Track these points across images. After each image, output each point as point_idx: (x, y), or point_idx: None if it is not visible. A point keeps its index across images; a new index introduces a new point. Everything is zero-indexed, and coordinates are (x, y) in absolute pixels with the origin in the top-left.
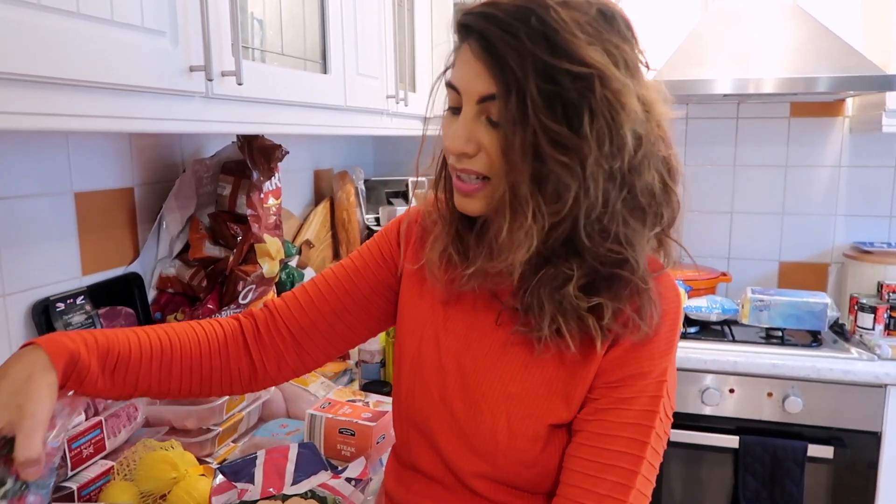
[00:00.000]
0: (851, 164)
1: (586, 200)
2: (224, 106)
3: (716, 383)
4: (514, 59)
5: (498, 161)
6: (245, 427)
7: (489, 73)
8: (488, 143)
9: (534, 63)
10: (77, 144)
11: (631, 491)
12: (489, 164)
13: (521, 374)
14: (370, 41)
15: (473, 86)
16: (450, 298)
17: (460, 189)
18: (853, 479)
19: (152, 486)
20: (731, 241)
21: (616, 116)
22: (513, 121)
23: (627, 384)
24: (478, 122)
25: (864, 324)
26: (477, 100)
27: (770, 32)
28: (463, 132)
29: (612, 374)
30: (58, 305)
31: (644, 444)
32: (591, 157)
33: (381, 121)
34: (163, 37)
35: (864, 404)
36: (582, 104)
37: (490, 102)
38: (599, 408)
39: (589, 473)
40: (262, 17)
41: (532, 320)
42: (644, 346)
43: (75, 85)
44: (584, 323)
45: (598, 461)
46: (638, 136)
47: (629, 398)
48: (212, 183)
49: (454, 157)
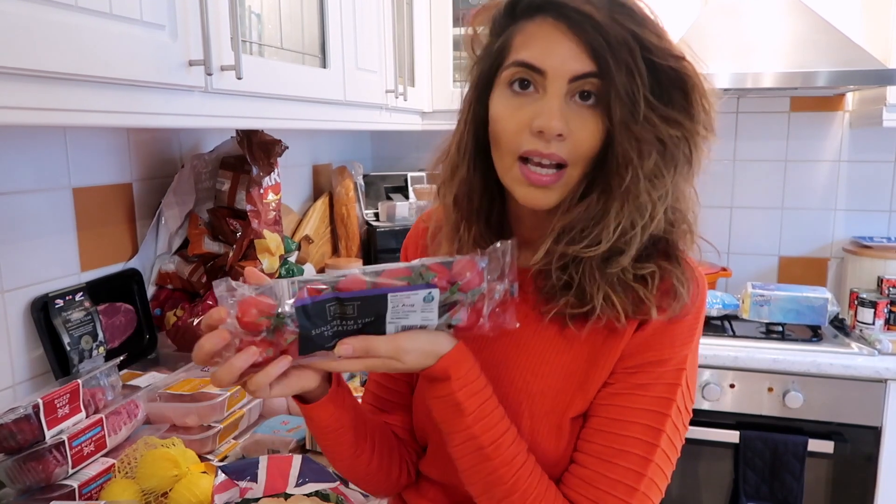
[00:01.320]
0: (851, 158)
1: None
2: (223, 100)
3: (716, 378)
4: (618, 34)
5: (586, 144)
6: (246, 424)
7: (586, 49)
8: (577, 125)
9: (634, 38)
10: (75, 139)
11: (643, 479)
12: (574, 149)
13: (543, 370)
14: (369, 35)
15: (567, 64)
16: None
17: (536, 181)
18: (853, 474)
19: (154, 484)
20: (731, 236)
21: (706, 95)
22: (626, 96)
23: (645, 370)
24: (567, 103)
25: (864, 318)
26: (570, 78)
27: (770, 26)
28: (560, 111)
29: (631, 360)
30: (56, 302)
31: (659, 433)
32: (694, 130)
33: (381, 115)
34: (162, 30)
35: (865, 399)
36: (684, 82)
37: (583, 81)
38: (614, 392)
39: (603, 458)
40: (260, 12)
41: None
42: (666, 332)
43: (73, 79)
44: (633, 293)
45: (612, 447)
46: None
47: (645, 384)
48: (211, 178)
49: (538, 141)
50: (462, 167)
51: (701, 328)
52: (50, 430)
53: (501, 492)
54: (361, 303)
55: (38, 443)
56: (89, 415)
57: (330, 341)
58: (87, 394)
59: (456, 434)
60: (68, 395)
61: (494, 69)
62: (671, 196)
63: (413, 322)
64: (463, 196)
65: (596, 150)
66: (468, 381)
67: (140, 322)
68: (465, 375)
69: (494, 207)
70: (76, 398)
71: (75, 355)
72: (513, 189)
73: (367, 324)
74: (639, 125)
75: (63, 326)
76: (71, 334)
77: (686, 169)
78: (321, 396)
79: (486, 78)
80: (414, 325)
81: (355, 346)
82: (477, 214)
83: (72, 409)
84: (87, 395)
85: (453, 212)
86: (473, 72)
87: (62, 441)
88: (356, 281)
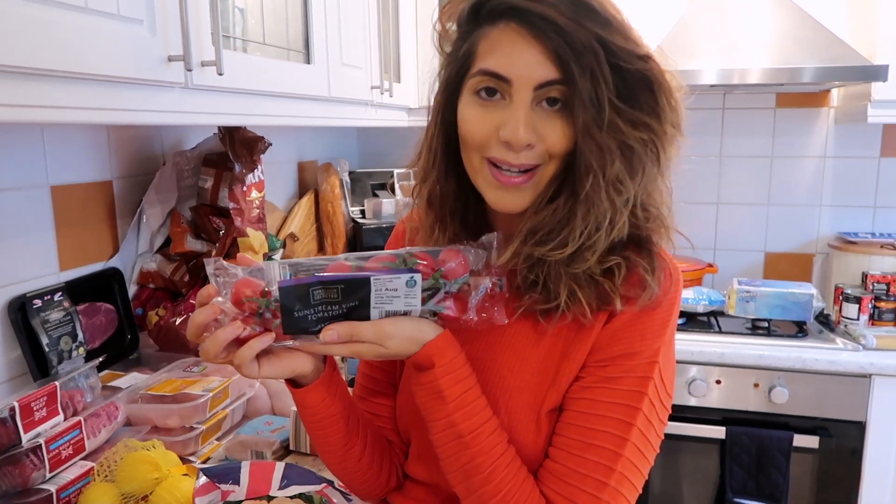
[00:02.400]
0: (836, 154)
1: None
2: (204, 97)
3: (702, 374)
4: (582, 39)
5: (556, 147)
6: (229, 425)
7: (551, 56)
8: (546, 130)
9: (598, 42)
10: (53, 136)
11: (613, 473)
12: (546, 151)
13: (518, 366)
14: (354, 31)
15: (532, 71)
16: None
17: (506, 183)
18: (838, 468)
19: (134, 487)
20: (718, 232)
21: (672, 93)
22: (589, 102)
23: (615, 363)
24: (534, 110)
25: (848, 314)
26: (536, 86)
27: (756, 22)
28: (525, 122)
29: (602, 353)
30: (35, 302)
31: (629, 426)
32: (661, 132)
33: (366, 112)
34: (140, 25)
35: (849, 394)
36: (650, 83)
37: (548, 88)
38: (585, 386)
39: (573, 452)
40: (243, 6)
41: (545, 293)
42: (637, 325)
43: (49, 75)
44: (599, 288)
45: (582, 440)
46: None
47: (616, 377)
48: (193, 176)
49: (505, 150)
50: (434, 169)
51: (675, 322)
52: (26, 434)
53: (478, 480)
54: (345, 286)
55: (15, 446)
56: (67, 417)
57: (315, 325)
58: (65, 396)
59: (437, 421)
60: (45, 397)
61: (462, 75)
62: (638, 198)
63: (397, 308)
64: (436, 197)
65: (567, 149)
66: (451, 369)
67: (121, 322)
68: (449, 363)
69: (470, 207)
70: (54, 400)
71: (54, 356)
72: (484, 192)
73: (352, 308)
74: (603, 132)
75: (41, 327)
76: (49, 335)
77: (654, 170)
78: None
79: (454, 82)
80: (398, 310)
81: (340, 331)
82: (451, 216)
83: (49, 412)
84: (66, 397)
85: (428, 214)
86: (442, 75)
87: (39, 444)
88: (341, 266)
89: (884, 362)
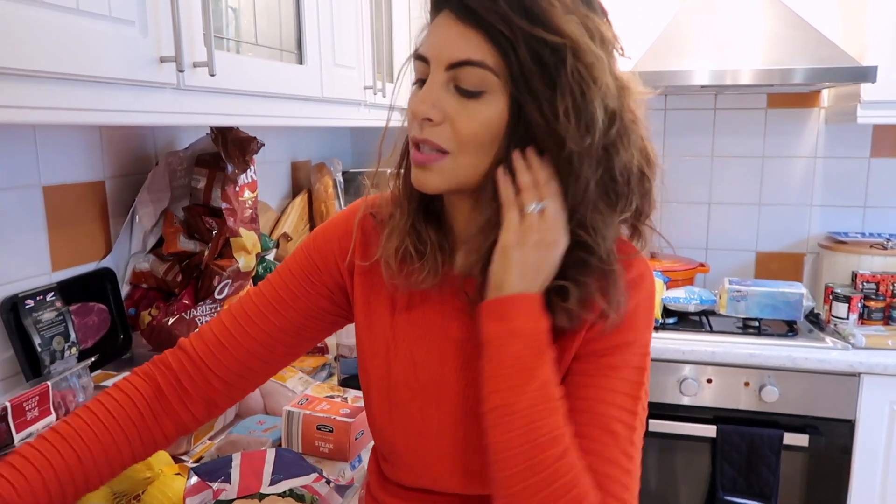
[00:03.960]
0: (827, 154)
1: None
2: (196, 97)
3: (694, 373)
4: (500, 24)
5: (465, 132)
6: (222, 424)
7: (470, 37)
8: (455, 112)
9: (518, 29)
10: (45, 137)
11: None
12: (452, 137)
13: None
14: (347, 31)
15: (446, 51)
16: (412, 304)
17: (417, 160)
18: (828, 467)
19: (125, 487)
20: (709, 232)
21: (587, 91)
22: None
23: (614, 353)
24: (446, 91)
25: (838, 313)
26: (447, 65)
27: (747, 23)
28: (429, 97)
29: (597, 343)
30: (27, 302)
31: (634, 414)
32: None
33: (359, 112)
34: (131, 26)
35: (839, 393)
36: (556, 75)
37: (461, 69)
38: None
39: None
40: (236, 6)
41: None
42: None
43: (40, 76)
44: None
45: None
46: (611, 112)
47: (616, 366)
48: (186, 176)
49: (416, 127)
50: (399, 162)
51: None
52: (18, 434)
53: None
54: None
55: (7, 446)
56: (60, 417)
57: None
58: (57, 396)
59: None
60: (38, 397)
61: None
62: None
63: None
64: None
65: (482, 138)
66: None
67: (114, 322)
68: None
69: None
70: (46, 400)
71: (46, 356)
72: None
73: None
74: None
75: (34, 327)
76: (42, 335)
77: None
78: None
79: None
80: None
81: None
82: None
83: (41, 412)
84: (58, 397)
85: (388, 206)
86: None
87: None
88: None
89: (873, 361)
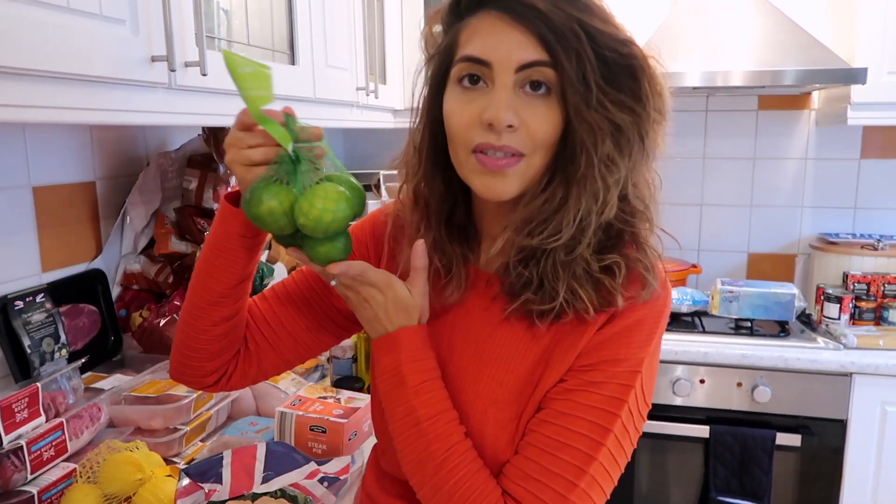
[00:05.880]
0: (817, 156)
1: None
2: (188, 97)
3: (686, 374)
4: (563, 22)
5: (540, 133)
6: (214, 426)
7: (533, 38)
8: (529, 115)
9: (580, 25)
10: (35, 137)
11: (584, 476)
12: (528, 139)
13: (508, 378)
14: (339, 32)
15: (513, 53)
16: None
17: (491, 166)
18: (820, 466)
19: (116, 489)
20: (701, 233)
21: (656, 79)
22: (577, 83)
23: (599, 368)
24: (515, 94)
25: (830, 314)
26: (517, 68)
27: (738, 26)
28: (507, 102)
29: (587, 357)
30: (16, 304)
31: (606, 431)
32: (645, 116)
33: (352, 113)
34: (122, 25)
35: (831, 393)
36: (633, 67)
37: (532, 70)
38: (568, 388)
39: (546, 450)
40: (227, 7)
41: (544, 291)
42: (625, 334)
43: (30, 75)
44: (599, 285)
45: (557, 439)
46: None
47: (598, 382)
48: (177, 177)
49: (489, 133)
50: (420, 167)
51: (661, 334)
52: (7, 436)
53: (432, 468)
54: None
55: None
56: (49, 419)
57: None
58: (46, 397)
59: (397, 408)
60: (27, 398)
61: (445, 67)
62: (628, 182)
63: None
64: (421, 196)
65: (553, 138)
66: (417, 357)
67: (105, 323)
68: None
69: (457, 208)
70: (35, 402)
71: (36, 358)
72: (471, 181)
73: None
74: (591, 110)
75: (23, 328)
76: (31, 336)
77: (640, 155)
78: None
79: (438, 77)
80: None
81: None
82: (436, 216)
83: (31, 414)
84: (47, 399)
85: (413, 212)
86: (426, 72)
87: (20, 446)
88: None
89: (864, 361)
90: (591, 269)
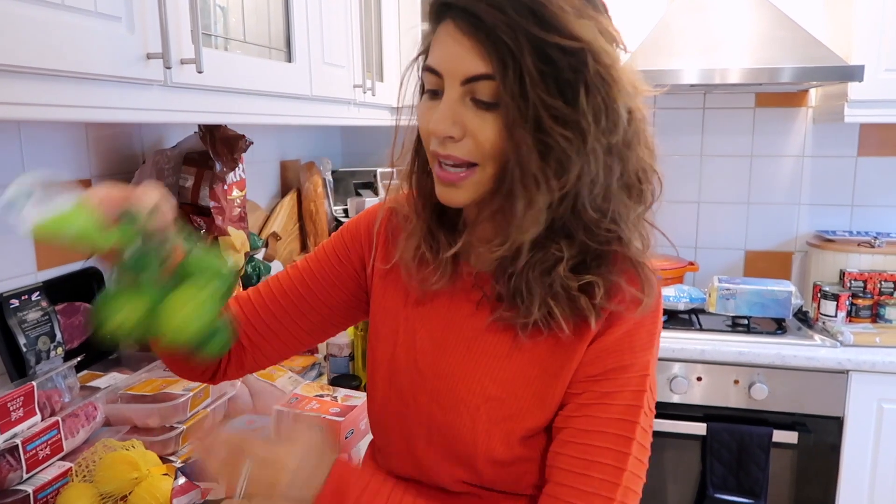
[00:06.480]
0: (815, 153)
1: (588, 176)
2: (184, 95)
3: (683, 371)
4: (506, 34)
5: (488, 144)
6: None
7: (480, 51)
8: (476, 126)
9: (527, 38)
10: (30, 134)
11: (618, 488)
12: (475, 149)
13: (501, 375)
14: (336, 29)
15: (459, 66)
16: (424, 298)
17: (444, 179)
18: (817, 464)
19: (112, 487)
20: (699, 231)
21: (609, 91)
22: (513, 98)
23: (609, 378)
24: (462, 105)
25: (826, 311)
26: (462, 80)
27: (735, 23)
28: (448, 114)
29: (593, 367)
30: (12, 302)
31: (629, 440)
32: (590, 131)
33: (349, 110)
34: (118, 22)
35: (827, 390)
36: (577, 79)
37: (477, 83)
38: (583, 403)
39: (575, 471)
40: (224, 4)
41: (520, 305)
42: (626, 339)
43: (24, 72)
44: (575, 304)
45: (584, 458)
46: (629, 111)
47: (612, 392)
48: (173, 174)
49: (437, 143)
50: (412, 166)
51: (660, 331)
52: (3, 434)
53: None
54: None
55: None
56: (45, 417)
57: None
58: (42, 396)
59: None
60: (22, 397)
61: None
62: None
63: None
64: (413, 193)
65: (501, 148)
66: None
67: None
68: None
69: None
70: (31, 400)
71: (32, 356)
72: (435, 187)
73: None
74: (519, 129)
75: (19, 327)
76: (27, 335)
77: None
78: None
79: (421, 82)
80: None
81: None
82: (428, 211)
83: (26, 412)
84: (43, 398)
85: (407, 206)
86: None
87: (15, 445)
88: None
89: (861, 358)
90: (569, 288)
